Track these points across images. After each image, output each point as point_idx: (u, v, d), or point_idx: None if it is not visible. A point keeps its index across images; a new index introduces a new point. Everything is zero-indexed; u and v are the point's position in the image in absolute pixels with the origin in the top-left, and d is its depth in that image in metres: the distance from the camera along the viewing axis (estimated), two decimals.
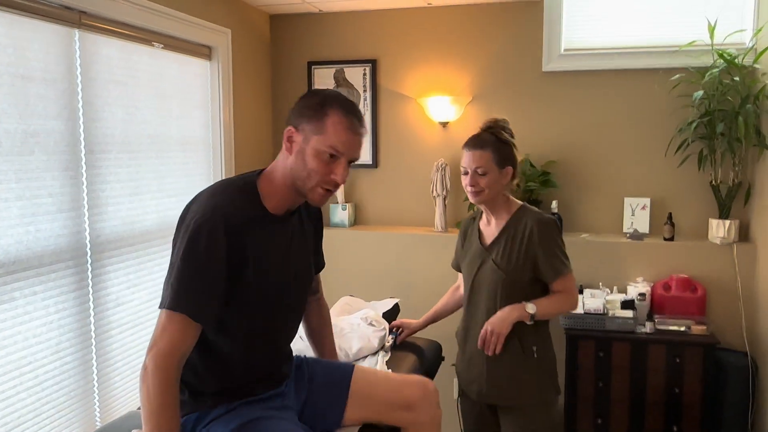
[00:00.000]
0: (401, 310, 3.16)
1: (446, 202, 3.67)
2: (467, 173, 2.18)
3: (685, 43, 3.27)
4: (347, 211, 3.82)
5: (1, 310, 2.11)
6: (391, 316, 2.99)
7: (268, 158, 3.88)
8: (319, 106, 1.56)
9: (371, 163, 3.87)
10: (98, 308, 2.54)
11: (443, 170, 3.62)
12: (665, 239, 3.34)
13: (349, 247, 3.73)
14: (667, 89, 3.38)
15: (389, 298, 3.19)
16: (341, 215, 3.83)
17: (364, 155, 3.83)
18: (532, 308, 2.14)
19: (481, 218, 2.34)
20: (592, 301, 3.15)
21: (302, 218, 1.80)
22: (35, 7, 2.21)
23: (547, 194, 3.52)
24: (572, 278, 2.21)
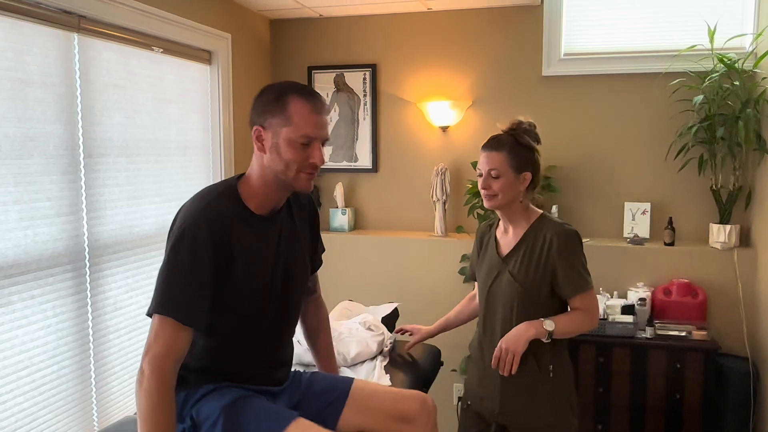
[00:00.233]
0: (401, 314, 3.15)
1: (446, 206, 3.66)
2: (482, 175, 2.05)
3: (685, 47, 3.27)
4: (347, 215, 3.82)
5: None
6: (390, 320, 2.98)
7: None
8: (278, 98, 1.60)
9: (371, 167, 3.87)
10: (96, 312, 2.54)
11: (443, 175, 3.61)
12: (666, 244, 3.33)
13: (348, 251, 3.73)
14: (667, 94, 3.38)
15: (389, 302, 3.19)
16: (341, 220, 3.83)
17: (364, 159, 3.87)
18: (550, 325, 1.98)
19: (498, 226, 2.20)
20: None
21: (293, 215, 1.82)
22: (34, 11, 2.22)
23: (547, 199, 3.51)
24: (594, 296, 2.05)
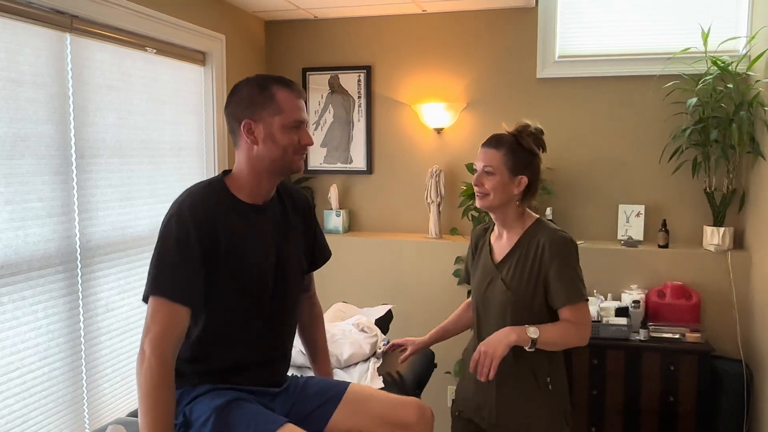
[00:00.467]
0: (395, 316, 3.15)
1: (440, 208, 3.66)
2: (477, 171, 2.00)
3: (679, 50, 3.28)
4: (341, 217, 3.81)
5: None
6: (384, 322, 2.98)
7: None
8: (262, 91, 1.68)
9: (366, 169, 3.86)
10: (88, 314, 2.52)
11: (437, 177, 3.61)
12: (660, 246, 3.33)
13: (343, 253, 3.72)
14: (661, 96, 3.38)
15: (383, 304, 3.18)
16: (335, 221, 3.82)
17: (358, 161, 3.87)
18: (534, 332, 1.87)
19: (493, 231, 2.12)
20: None
21: (287, 212, 1.85)
22: (26, 10, 2.21)
23: (541, 201, 3.51)
24: (586, 310, 1.94)
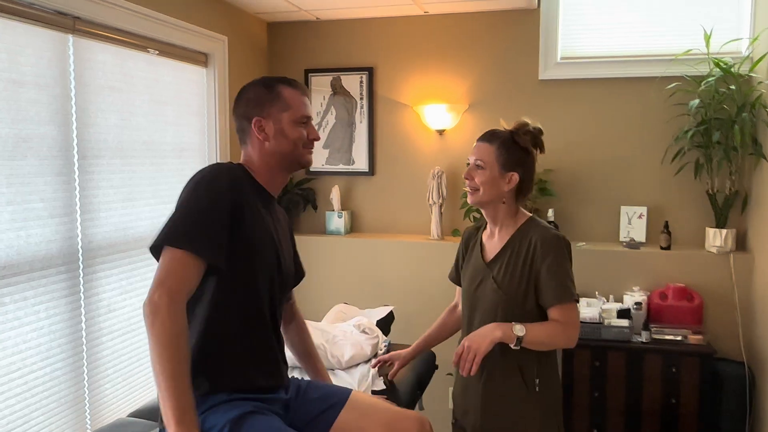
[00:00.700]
0: (396, 318, 3.15)
1: (442, 210, 3.66)
2: (468, 164, 1.98)
3: (681, 51, 3.27)
4: (343, 218, 3.82)
5: None
6: (385, 323, 2.98)
7: None
8: (270, 90, 1.75)
9: (368, 170, 3.86)
10: (89, 314, 2.53)
11: (439, 178, 3.61)
12: (662, 248, 3.32)
13: (344, 254, 3.72)
14: (663, 98, 3.38)
15: (384, 305, 3.18)
16: (337, 223, 3.82)
17: (360, 163, 3.87)
18: (520, 330, 1.83)
19: (485, 229, 2.09)
20: (588, 310, 3.13)
21: (283, 216, 1.90)
22: (29, 12, 2.22)
23: (543, 203, 3.51)
24: (575, 311, 1.90)
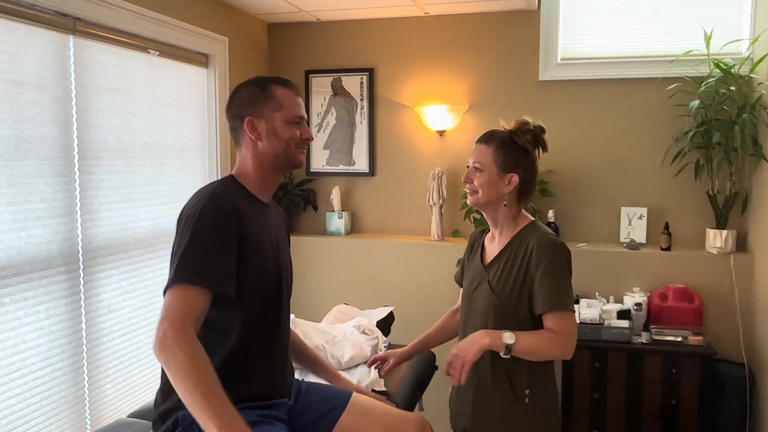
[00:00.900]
0: (396, 318, 3.15)
1: (442, 210, 3.66)
2: (468, 167, 1.94)
3: (681, 52, 3.27)
4: (344, 219, 3.82)
5: None
6: (385, 324, 2.98)
7: None
8: (263, 90, 1.73)
9: (368, 171, 3.86)
10: (90, 315, 2.53)
11: (440, 179, 3.61)
12: (662, 249, 3.32)
13: (345, 255, 3.72)
14: (663, 98, 3.38)
15: (384, 306, 3.18)
16: (338, 223, 3.82)
17: (361, 163, 3.87)
18: (509, 338, 1.75)
19: (489, 232, 2.04)
20: (588, 311, 3.13)
21: (278, 215, 1.90)
22: (29, 13, 2.22)
23: (544, 203, 3.51)
24: (571, 321, 1.79)
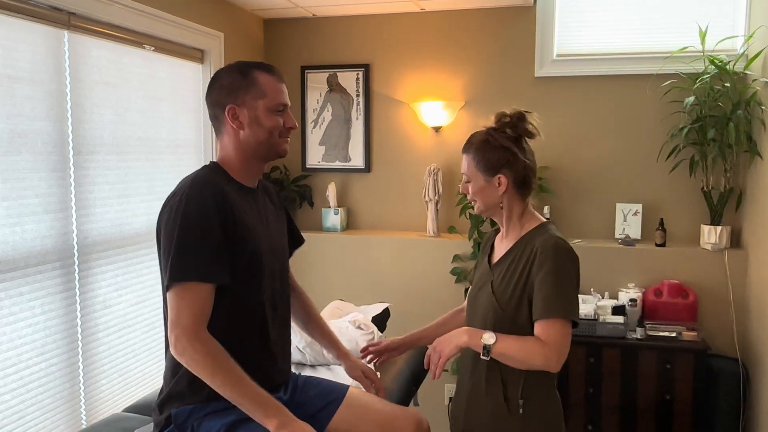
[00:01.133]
0: (392, 314, 3.16)
1: (438, 206, 3.66)
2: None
3: (676, 49, 3.27)
4: (339, 215, 3.82)
5: None
6: (380, 320, 2.98)
7: None
8: (244, 76, 1.69)
9: (364, 167, 3.86)
10: (85, 310, 2.53)
11: (435, 175, 3.62)
12: (657, 245, 3.33)
13: (341, 251, 3.72)
14: (658, 95, 3.38)
15: (380, 302, 3.19)
16: (333, 220, 3.82)
17: (356, 159, 3.87)
18: (489, 338, 1.65)
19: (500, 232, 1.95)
20: (583, 306, 3.14)
21: (266, 196, 1.89)
22: (24, 7, 2.21)
23: (539, 200, 3.51)
24: (560, 328, 1.64)
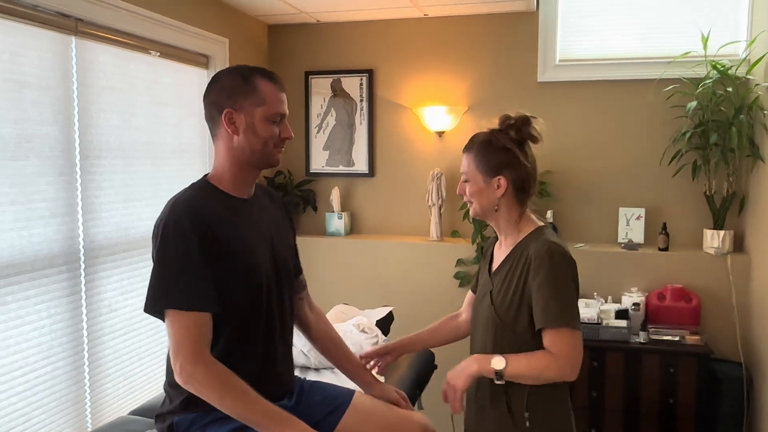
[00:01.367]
0: (395, 318, 3.17)
1: (441, 211, 3.68)
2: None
3: (678, 54, 3.29)
4: (343, 220, 3.83)
5: None
6: (384, 324, 3.00)
7: None
8: (246, 81, 1.66)
9: (367, 172, 3.88)
10: (91, 314, 2.54)
11: (439, 179, 3.63)
12: (660, 249, 3.34)
13: (344, 255, 3.74)
14: (661, 100, 3.40)
15: (383, 306, 3.20)
16: (337, 224, 3.84)
17: (360, 164, 3.89)
18: (498, 363, 1.61)
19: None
20: (586, 310, 3.15)
21: (271, 205, 1.87)
22: (32, 14, 2.24)
23: (542, 204, 3.52)
24: (569, 337, 1.60)
